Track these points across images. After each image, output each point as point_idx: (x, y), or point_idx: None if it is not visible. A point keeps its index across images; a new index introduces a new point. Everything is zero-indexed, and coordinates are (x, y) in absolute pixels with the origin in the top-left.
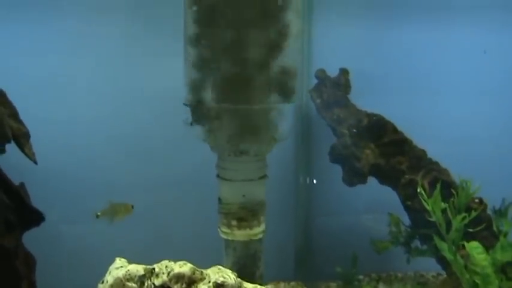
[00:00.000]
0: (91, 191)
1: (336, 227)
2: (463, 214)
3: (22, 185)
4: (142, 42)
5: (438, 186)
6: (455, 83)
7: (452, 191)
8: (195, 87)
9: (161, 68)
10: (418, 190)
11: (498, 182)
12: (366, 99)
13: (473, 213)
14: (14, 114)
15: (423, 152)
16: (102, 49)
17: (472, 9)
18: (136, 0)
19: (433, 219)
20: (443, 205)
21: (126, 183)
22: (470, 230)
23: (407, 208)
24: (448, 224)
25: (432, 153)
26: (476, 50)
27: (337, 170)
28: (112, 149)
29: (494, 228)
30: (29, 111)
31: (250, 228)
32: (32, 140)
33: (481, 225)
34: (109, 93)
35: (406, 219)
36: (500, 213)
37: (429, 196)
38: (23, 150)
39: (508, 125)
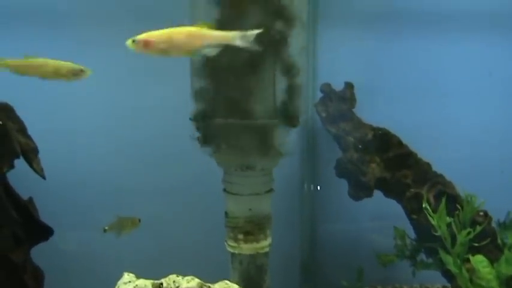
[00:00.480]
0: (98, 203)
1: (342, 238)
2: (468, 229)
3: (30, 199)
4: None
5: (443, 200)
6: (460, 93)
7: (457, 206)
8: (201, 102)
9: (167, 78)
10: (423, 205)
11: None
12: (370, 112)
13: (478, 228)
14: (22, 129)
15: (428, 165)
16: (107, 59)
17: (475, 19)
18: (141, 13)
19: (438, 233)
20: (448, 219)
21: (134, 195)
22: (476, 244)
23: (412, 221)
24: (453, 238)
25: (437, 163)
26: (480, 60)
27: (343, 183)
28: (120, 159)
29: (499, 241)
30: (36, 123)
31: (257, 241)
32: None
33: (486, 240)
34: (114, 104)
35: (411, 231)
36: (505, 226)
37: (434, 210)
38: (31, 166)
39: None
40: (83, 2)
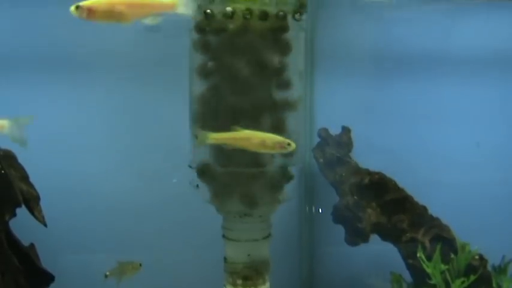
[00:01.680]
0: (99, 247)
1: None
2: (462, 279)
3: (32, 246)
4: (151, 93)
5: (438, 248)
6: (458, 135)
7: (452, 253)
8: (200, 150)
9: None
10: (418, 254)
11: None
12: (368, 157)
13: (472, 277)
14: (24, 177)
15: (424, 208)
16: (110, 103)
17: (470, 64)
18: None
19: (433, 282)
20: (443, 267)
21: (135, 239)
22: None
23: (409, 266)
24: (449, 284)
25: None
26: (475, 102)
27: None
28: (121, 203)
29: (494, 285)
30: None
31: (255, 286)
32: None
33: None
34: (116, 149)
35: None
36: (500, 269)
37: (429, 255)
38: (32, 213)
39: None
40: (90, 47)
